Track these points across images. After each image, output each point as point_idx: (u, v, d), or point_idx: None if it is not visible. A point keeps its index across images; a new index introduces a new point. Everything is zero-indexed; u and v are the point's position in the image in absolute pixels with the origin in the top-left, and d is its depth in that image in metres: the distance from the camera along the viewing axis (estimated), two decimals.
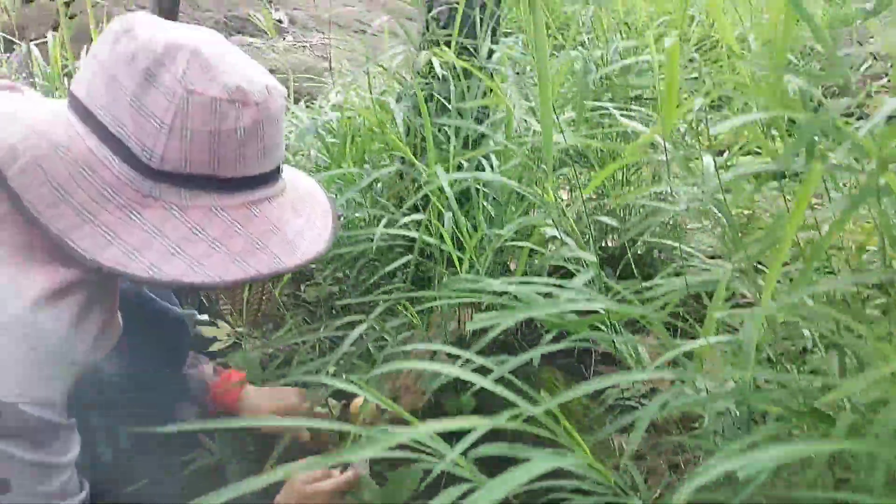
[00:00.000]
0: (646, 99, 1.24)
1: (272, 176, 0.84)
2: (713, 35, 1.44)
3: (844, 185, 0.99)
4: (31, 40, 3.04)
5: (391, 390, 1.10)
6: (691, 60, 1.05)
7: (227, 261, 0.78)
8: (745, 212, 1.09)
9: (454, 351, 0.80)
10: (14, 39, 2.81)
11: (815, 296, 0.66)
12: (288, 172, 0.93)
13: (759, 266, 0.84)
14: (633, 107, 1.22)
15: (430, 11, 1.74)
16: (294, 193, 0.89)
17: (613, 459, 0.87)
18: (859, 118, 0.86)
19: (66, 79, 2.41)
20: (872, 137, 0.57)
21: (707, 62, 1.29)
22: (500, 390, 0.69)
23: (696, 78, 1.45)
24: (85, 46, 2.56)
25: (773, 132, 0.80)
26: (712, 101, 1.25)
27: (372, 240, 1.04)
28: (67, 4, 3.94)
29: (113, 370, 0.96)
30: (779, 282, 0.67)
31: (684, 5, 1.19)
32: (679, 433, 0.82)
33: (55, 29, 3.43)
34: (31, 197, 0.72)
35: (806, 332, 0.69)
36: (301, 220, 0.86)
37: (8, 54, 3.25)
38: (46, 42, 2.71)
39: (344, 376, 0.89)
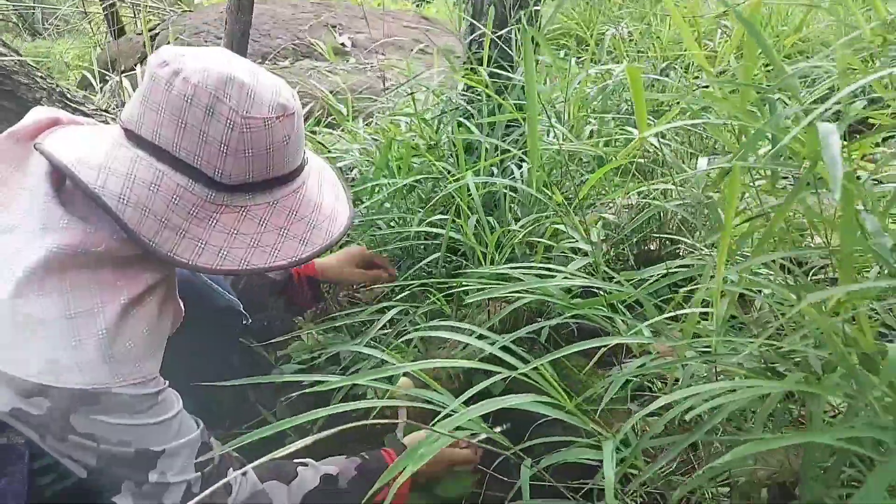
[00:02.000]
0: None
1: (303, 164, 1.02)
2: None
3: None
4: (121, 72, 3.39)
5: (427, 374, 1.24)
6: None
7: (295, 244, 0.96)
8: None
9: (480, 331, 0.94)
10: (106, 73, 3.14)
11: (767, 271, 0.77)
12: None
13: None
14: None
15: (472, 34, 1.91)
16: (315, 172, 1.06)
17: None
18: None
19: None
20: (801, 141, 0.68)
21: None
22: (508, 358, 0.83)
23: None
24: None
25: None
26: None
27: (409, 238, 1.20)
28: (153, 38, 4.32)
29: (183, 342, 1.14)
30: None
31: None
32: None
33: (142, 62, 3.79)
34: (143, 230, 0.89)
35: (762, 303, 0.79)
36: (329, 194, 1.05)
37: (101, 84, 3.61)
38: (135, 73, 3.04)
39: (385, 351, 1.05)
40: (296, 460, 1.11)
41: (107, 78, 3.60)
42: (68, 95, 1.48)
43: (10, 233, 0.89)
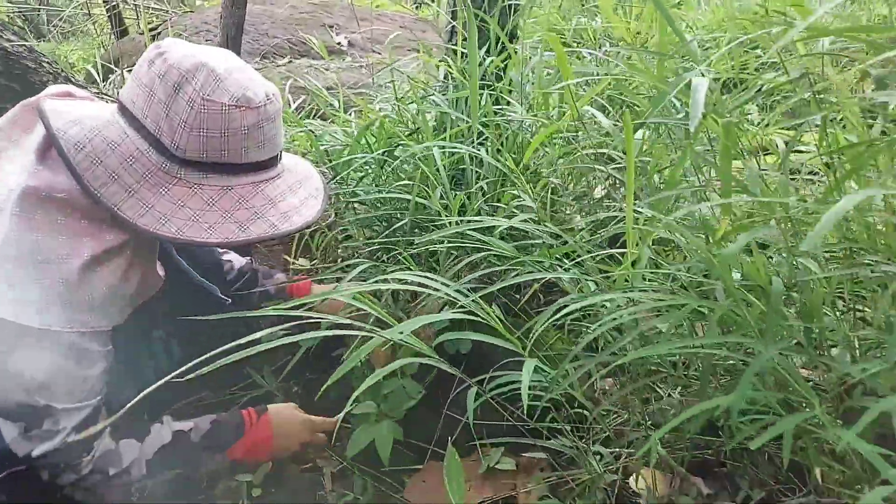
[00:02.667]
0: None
1: (271, 162, 1.10)
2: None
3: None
4: (125, 69, 3.52)
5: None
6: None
7: (233, 227, 1.04)
8: None
9: (436, 278, 1.06)
10: (112, 67, 3.27)
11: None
12: (290, 159, 1.19)
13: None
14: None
15: (450, 25, 2.04)
16: (292, 176, 1.15)
17: None
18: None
19: None
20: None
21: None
22: (459, 296, 0.95)
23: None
24: None
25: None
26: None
27: (382, 206, 1.32)
28: (155, 38, 4.46)
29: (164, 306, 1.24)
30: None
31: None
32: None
33: None
34: (90, 178, 0.99)
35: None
36: (295, 198, 1.12)
37: (104, 81, 3.75)
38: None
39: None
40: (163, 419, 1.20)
41: (109, 76, 3.75)
42: (72, 80, 1.60)
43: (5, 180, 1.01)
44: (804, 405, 0.78)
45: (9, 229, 0.97)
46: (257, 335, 0.95)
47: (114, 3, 5.35)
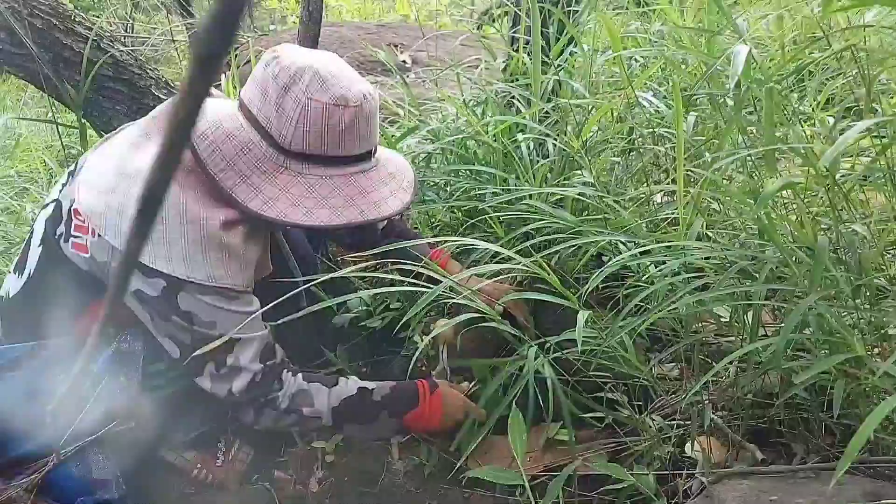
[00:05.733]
0: None
1: (366, 156, 1.22)
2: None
3: None
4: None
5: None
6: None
7: (327, 212, 1.16)
8: None
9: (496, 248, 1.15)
10: None
11: None
12: (387, 154, 1.30)
13: None
14: None
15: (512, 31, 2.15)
16: (385, 169, 1.26)
17: None
18: None
19: None
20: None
21: None
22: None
23: None
24: None
25: None
26: None
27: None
28: (234, 58, 4.76)
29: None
30: None
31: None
32: None
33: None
34: (211, 164, 1.14)
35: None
36: (386, 189, 1.24)
37: None
38: (220, 84, 3.43)
39: None
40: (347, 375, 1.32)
41: None
42: (171, 84, 1.79)
43: None
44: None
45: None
46: (320, 305, 1.06)
47: (195, 31, 5.75)
